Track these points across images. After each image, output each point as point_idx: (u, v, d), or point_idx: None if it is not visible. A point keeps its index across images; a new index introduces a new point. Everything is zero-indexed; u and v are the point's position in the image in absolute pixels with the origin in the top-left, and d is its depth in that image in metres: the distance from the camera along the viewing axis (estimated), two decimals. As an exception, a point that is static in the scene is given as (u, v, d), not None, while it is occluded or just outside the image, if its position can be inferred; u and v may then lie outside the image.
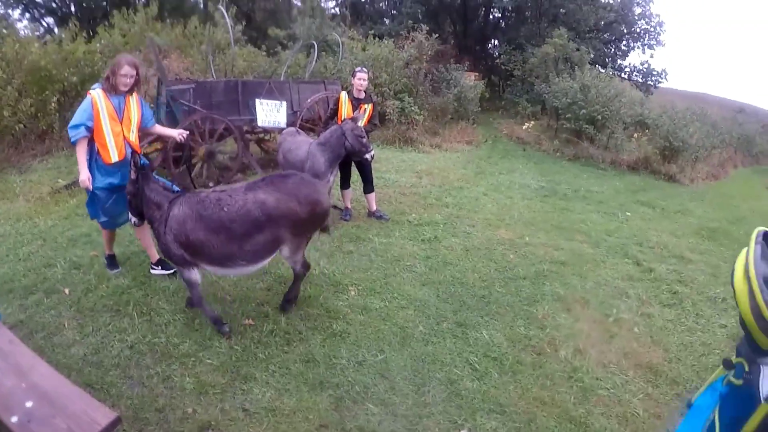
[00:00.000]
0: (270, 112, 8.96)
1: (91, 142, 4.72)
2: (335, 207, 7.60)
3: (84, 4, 23.88)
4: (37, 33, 21.77)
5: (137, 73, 4.88)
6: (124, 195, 4.56)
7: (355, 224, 7.03)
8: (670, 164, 14.51)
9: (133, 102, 4.99)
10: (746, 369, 1.68)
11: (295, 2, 28.49)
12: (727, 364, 1.79)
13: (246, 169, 9.43)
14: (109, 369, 3.84)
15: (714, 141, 16.84)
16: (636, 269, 6.47)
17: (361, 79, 6.93)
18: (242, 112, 9.00)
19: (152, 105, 10.24)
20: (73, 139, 4.60)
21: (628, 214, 9.30)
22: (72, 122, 4.60)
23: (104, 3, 20.94)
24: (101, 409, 2.48)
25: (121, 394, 3.61)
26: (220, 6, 11.19)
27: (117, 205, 4.93)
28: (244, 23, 18.19)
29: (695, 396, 1.97)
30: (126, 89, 4.84)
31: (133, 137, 4.96)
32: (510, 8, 23.97)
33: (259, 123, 8.98)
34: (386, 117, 13.62)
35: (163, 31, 14.29)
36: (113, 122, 4.74)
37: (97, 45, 12.11)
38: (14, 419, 2.38)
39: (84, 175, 4.64)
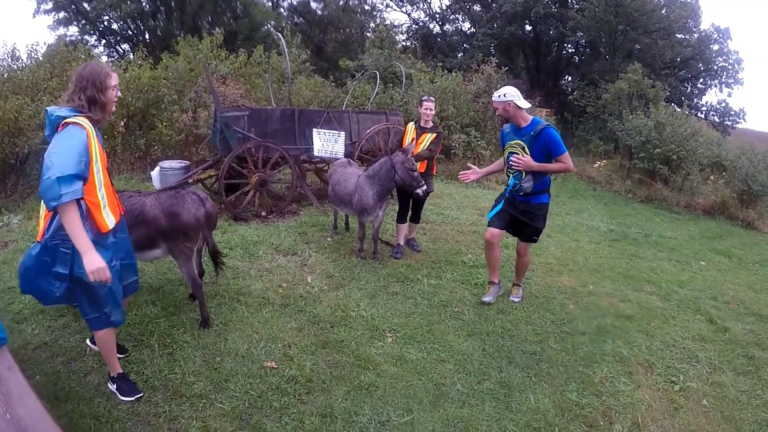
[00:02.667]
0: (327, 142, 8.74)
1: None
2: (387, 243, 7.26)
3: (159, 32, 24.75)
4: (112, 59, 22.72)
5: None
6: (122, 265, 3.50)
7: (406, 263, 6.63)
8: (748, 209, 13.45)
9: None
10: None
11: (367, 34, 28.80)
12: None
13: (301, 198, 9.22)
14: (119, 402, 3.61)
15: (796, 185, 15.69)
16: (709, 328, 5.78)
17: (427, 108, 6.67)
18: (299, 141, 8.80)
19: (209, 131, 10.23)
20: (60, 202, 2.80)
21: (703, 263, 8.56)
22: (59, 170, 2.82)
23: (177, 31, 21.49)
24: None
25: (125, 430, 3.38)
26: (277, 33, 11.11)
27: (119, 283, 3.46)
28: (309, 52, 18.26)
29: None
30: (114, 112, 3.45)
31: None
32: (584, 42, 23.50)
33: (316, 153, 8.76)
34: (452, 151, 13.28)
35: (227, 59, 14.42)
36: (104, 169, 3.25)
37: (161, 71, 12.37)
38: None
39: (98, 261, 3.00)
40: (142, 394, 3.68)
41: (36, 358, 4.20)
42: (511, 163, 5.17)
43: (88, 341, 4.24)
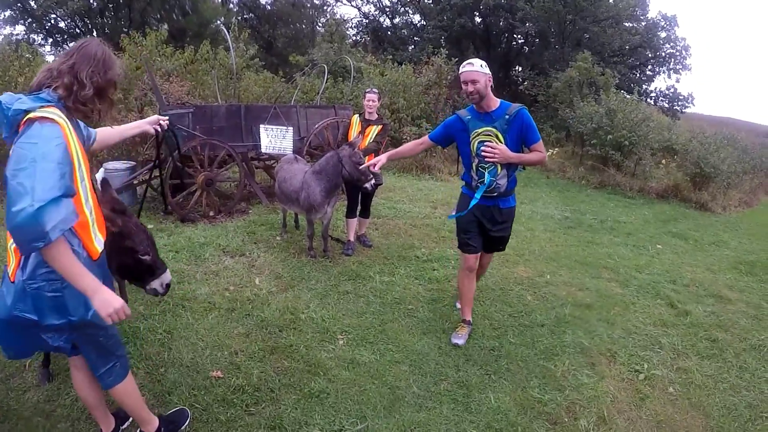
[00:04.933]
0: (275, 138, 8.46)
1: None
2: (337, 240, 7.03)
3: (106, 30, 24.09)
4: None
5: None
6: None
7: (357, 260, 6.41)
8: (701, 191, 13.72)
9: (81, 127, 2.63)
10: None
11: (317, 29, 28.56)
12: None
13: (251, 197, 8.93)
14: (59, 421, 3.30)
15: (746, 166, 16.06)
16: (670, 312, 5.73)
17: (370, 100, 6.52)
18: (245, 137, 8.51)
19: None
20: (48, 240, 2.01)
21: (659, 246, 8.57)
22: (40, 196, 2.00)
23: (126, 29, 20.88)
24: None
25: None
26: (222, 27, 10.77)
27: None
28: (258, 48, 17.94)
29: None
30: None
31: None
32: (533, 33, 23.61)
33: (263, 149, 8.48)
34: (403, 144, 13.15)
35: (173, 56, 14.00)
36: (88, 174, 2.43)
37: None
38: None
39: (115, 299, 2.27)
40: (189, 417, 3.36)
41: (-30, 375, 3.87)
42: (483, 154, 4.11)
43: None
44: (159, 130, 3.19)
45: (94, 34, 24.93)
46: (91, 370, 2.71)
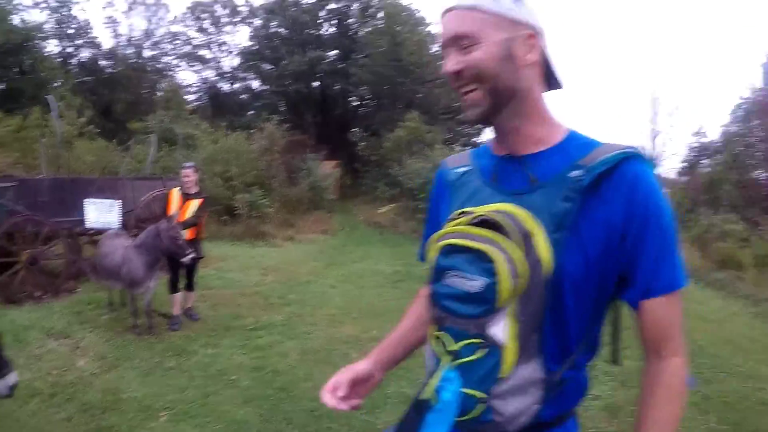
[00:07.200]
0: (101, 212, 8.36)
1: None
2: (164, 315, 7.08)
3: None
4: None
5: None
6: None
7: (184, 334, 6.53)
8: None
9: None
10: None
11: (158, 94, 28.13)
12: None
13: (80, 274, 8.73)
14: None
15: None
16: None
17: (186, 176, 6.81)
18: (71, 212, 8.38)
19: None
20: None
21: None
22: None
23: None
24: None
25: None
26: (50, 96, 10.59)
27: None
28: (94, 112, 17.52)
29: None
30: None
31: None
32: (368, 96, 24.79)
33: (89, 224, 8.34)
34: (235, 211, 13.35)
35: (2, 122, 13.43)
36: None
37: None
38: None
39: None
40: None
41: None
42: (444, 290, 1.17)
43: None
44: None
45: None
46: None
